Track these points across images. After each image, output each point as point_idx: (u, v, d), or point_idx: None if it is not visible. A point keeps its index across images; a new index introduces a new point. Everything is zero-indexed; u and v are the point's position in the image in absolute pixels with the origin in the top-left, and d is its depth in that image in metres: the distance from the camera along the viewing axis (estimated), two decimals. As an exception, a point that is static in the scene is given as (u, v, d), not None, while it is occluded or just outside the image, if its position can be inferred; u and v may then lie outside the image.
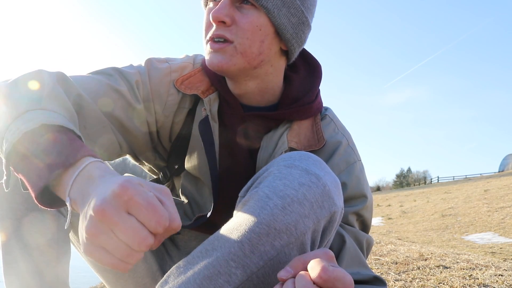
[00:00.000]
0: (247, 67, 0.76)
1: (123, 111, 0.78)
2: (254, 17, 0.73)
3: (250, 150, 0.85)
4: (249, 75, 0.78)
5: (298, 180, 0.56)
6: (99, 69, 0.80)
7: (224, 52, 0.73)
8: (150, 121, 0.82)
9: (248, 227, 0.54)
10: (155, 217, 0.43)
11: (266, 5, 0.72)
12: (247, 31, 0.73)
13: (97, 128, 0.75)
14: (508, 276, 1.71)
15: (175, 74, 0.83)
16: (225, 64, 0.74)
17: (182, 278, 0.57)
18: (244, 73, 0.77)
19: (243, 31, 0.73)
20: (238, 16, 0.73)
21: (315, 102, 0.85)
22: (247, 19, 0.73)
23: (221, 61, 0.74)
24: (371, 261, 2.16)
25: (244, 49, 0.74)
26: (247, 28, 0.73)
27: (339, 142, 0.83)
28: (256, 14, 0.73)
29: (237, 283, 0.54)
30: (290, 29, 0.76)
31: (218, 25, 0.73)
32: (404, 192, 21.52)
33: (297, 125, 0.83)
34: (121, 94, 0.77)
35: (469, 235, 6.72)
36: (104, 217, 0.42)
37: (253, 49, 0.74)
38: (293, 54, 0.81)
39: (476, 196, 11.22)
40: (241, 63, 0.75)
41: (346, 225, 0.76)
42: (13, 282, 0.70)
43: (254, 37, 0.74)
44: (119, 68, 0.81)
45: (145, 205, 0.43)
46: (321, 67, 0.89)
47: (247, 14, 0.73)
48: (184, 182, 0.91)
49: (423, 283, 1.61)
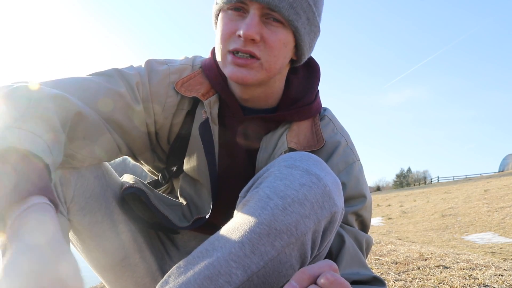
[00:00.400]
0: (266, 80, 0.77)
1: (122, 113, 0.78)
2: (282, 35, 0.73)
3: (249, 151, 0.85)
4: (262, 83, 0.79)
5: (298, 181, 0.56)
6: (99, 70, 0.80)
7: (250, 68, 0.73)
8: (149, 122, 0.82)
9: (249, 227, 0.54)
10: None
11: (296, 25, 0.73)
12: (274, 49, 0.73)
13: (96, 133, 0.75)
14: (508, 276, 1.71)
15: (174, 76, 0.83)
16: (250, 79, 0.74)
17: (182, 278, 0.57)
18: (260, 83, 0.78)
19: (271, 49, 0.73)
20: (266, 33, 0.72)
21: (314, 103, 0.85)
22: (276, 37, 0.73)
23: (247, 76, 0.74)
24: (371, 261, 2.16)
25: (270, 66, 0.75)
26: (275, 46, 0.73)
27: (338, 143, 0.83)
28: (284, 32, 0.73)
29: (237, 283, 0.54)
30: (308, 43, 0.79)
31: (248, 42, 0.72)
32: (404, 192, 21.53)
33: (296, 126, 0.83)
34: (121, 95, 0.77)
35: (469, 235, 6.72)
36: None
37: (276, 65, 0.76)
38: (301, 62, 0.83)
39: (476, 196, 11.22)
40: (264, 78, 0.76)
41: (345, 225, 0.77)
42: (13, 282, 0.70)
43: (280, 54, 0.75)
44: (120, 69, 0.81)
45: None
46: (320, 68, 0.89)
47: (275, 32, 0.73)
48: (183, 183, 0.91)
49: (423, 283, 1.61)
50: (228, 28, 0.74)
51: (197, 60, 0.89)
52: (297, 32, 0.74)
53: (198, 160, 0.85)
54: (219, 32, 0.76)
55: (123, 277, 0.85)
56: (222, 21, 0.75)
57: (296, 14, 0.72)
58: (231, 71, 0.74)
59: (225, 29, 0.74)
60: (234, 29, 0.73)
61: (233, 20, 0.73)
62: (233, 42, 0.73)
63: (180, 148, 0.87)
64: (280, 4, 0.70)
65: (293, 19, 0.72)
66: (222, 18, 0.76)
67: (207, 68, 0.84)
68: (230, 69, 0.74)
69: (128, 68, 0.83)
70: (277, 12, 0.71)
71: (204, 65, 0.86)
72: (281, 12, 0.71)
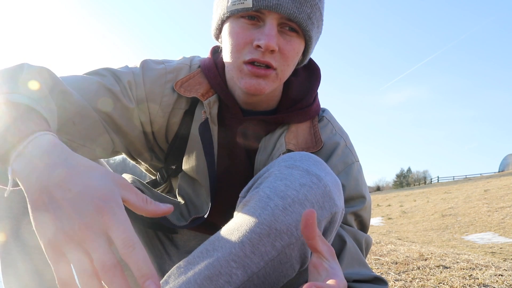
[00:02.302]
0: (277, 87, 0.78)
1: (115, 110, 0.77)
2: (296, 44, 0.73)
3: (248, 152, 0.85)
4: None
5: (299, 181, 0.56)
6: (92, 69, 0.80)
7: (267, 78, 0.73)
8: (144, 121, 0.82)
9: (249, 228, 0.54)
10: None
11: (311, 34, 0.74)
12: (289, 58, 0.73)
13: (88, 124, 0.74)
14: (508, 276, 1.71)
15: (170, 75, 0.83)
16: (266, 89, 0.74)
17: (182, 278, 0.57)
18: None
19: (286, 59, 0.73)
20: (282, 44, 0.71)
21: (313, 105, 0.85)
22: (291, 47, 0.72)
23: (264, 86, 0.73)
24: (371, 261, 2.16)
25: (284, 75, 0.75)
26: (290, 56, 0.73)
27: (337, 143, 0.83)
28: (298, 41, 0.73)
29: (237, 284, 0.54)
30: (314, 47, 0.79)
31: (267, 52, 0.70)
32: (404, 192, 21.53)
33: (295, 127, 0.83)
34: (114, 93, 0.77)
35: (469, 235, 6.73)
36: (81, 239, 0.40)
37: (288, 73, 0.76)
38: (304, 63, 0.83)
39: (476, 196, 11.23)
40: (276, 86, 0.76)
41: (345, 225, 0.76)
42: (12, 282, 0.70)
43: (292, 62, 0.75)
44: (112, 69, 0.80)
45: (122, 228, 0.41)
46: (320, 70, 0.89)
47: (290, 41, 0.72)
48: (181, 182, 0.91)
49: (423, 283, 1.61)
50: (243, 38, 0.71)
51: (195, 60, 0.88)
52: (310, 40, 0.75)
53: (197, 160, 0.84)
54: (231, 41, 0.73)
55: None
56: (234, 30, 0.72)
57: (312, 24, 0.73)
58: (248, 83, 0.73)
59: (239, 38, 0.72)
60: (250, 39, 0.71)
61: (247, 29, 0.71)
62: (249, 52, 0.71)
63: (179, 147, 0.87)
64: (300, 15, 0.69)
65: (310, 28, 0.72)
66: (232, 27, 0.73)
67: (206, 68, 0.84)
68: (247, 81, 0.73)
69: (122, 68, 0.82)
70: (295, 22, 0.70)
71: (203, 65, 0.85)
72: (300, 22, 0.70)
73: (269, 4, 0.68)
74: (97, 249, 0.40)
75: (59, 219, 0.41)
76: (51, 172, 0.43)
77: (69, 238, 0.40)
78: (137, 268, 0.39)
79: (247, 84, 0.73)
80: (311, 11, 0.71)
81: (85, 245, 0.40)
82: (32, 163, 0.44)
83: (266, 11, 0.69)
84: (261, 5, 0.68)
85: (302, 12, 0.69)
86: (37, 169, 0.43)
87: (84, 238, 0.40)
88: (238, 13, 0.71)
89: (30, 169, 0.44)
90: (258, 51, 0.70)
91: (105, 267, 0.39)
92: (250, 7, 0.69)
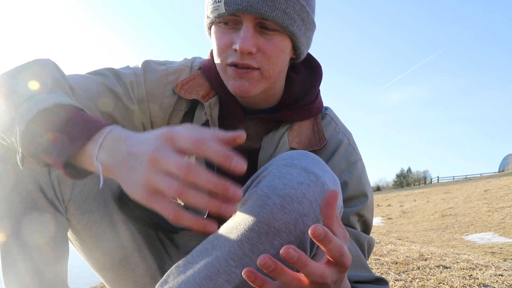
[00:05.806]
0: (268, 86, 0.77)
1: (116, 111, 0.78)
2: (278, 42, 0.73)
3: (250, 151, 0.85)
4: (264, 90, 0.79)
5: (297, 179, 0.56)
6: (94, 70, 0.80)
7: (250, 77, 0.73)
8: (145, 122, 0.82)
9: (248, 226, 0.54)
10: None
11: (292, 29, 0.73)
12: (272, 57, 0.73)
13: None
14: (508, 276, 1.71)
15: (172, 76, 0.83)
16: (252, 90, 0.74)
17: (182, 278, 0.57)
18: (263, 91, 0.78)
19: (269, 58, 0.73)
20: (262, 43, 0.72)
21: (316, 103, 0.85)
22: (272, 46, 0.72)
23: (248, 87, 0.74)
24: (371, 261, 2.16)
25: (269, 74, 0.75)
26: (273, 55, 0.73)
27: (340, 141, 0.83)
28: (280, 38, 0.73)
29: (237, 282, 0.54)
30: (305, 42, 0.78)
31: (245, 55, 0.71)
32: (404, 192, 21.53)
33: (298, 126, 0.83)
34: (116, 94, 0.77)
35: (469, 235, 6.72)
36: (157, 159, 0.45)
37: (276, 71, 0.76)
38: (301, 59, 0.83)
39: (476, 196, 11.22)
40: (265, 86, 0.76)
41: (346, 227, 0.76)
42: (12, 282, 0.70)
43: (278, 61, 0.74)
44: (114, 69, 0.81)
45: (192, 140, 0.46)
46: (322, 68, 0.89)
47: (271, 40, 0.72)
48: None
49: (423, 283, 1.61)
50: (223, 42, 0.73)
51: (196, 62, 0.88)
52: (293, 35, 0.74)
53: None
54: (214, 46, 0.76)
55: (122, 277, 0.85)
56: (216, 35, 0.75)
57: (291, 19, 0.72)
58: (233, 85, 0.74)
59: (220, 43, 0.74)
60: (229, 42, 0.72)
61: (227, 33, 0.73)
62: (230, 55, 0.73)
63: None
64: (273, 13, 0.69)
65: (288, 24, 0.72)
66: (215, 32, 0.75)
67: (207, 69, 0.84)
68: (233, 83, 0.74)
69: (123, 68, 0.83)
70: (270, 21, 0.70)
71: (203, 66, 0.86)
72: (275, 20, 0.70)
73: (239, 7, 0.69)
74: (172, 161, 0.44)
75: (141, 165, 0.46)
76: (123, 145, 0.50)
77: (152, 172, 0.45)
78: (218, 154, 0.46)
79: (233, 86, 0.75)
80: (286, 6, 0.70)
81: (163, 165, 0.45)
82: (113, 147, 0.51)
83: (241, 13, 0.70)
84: (233, 9, 0.69)
85: (276, 9, 0.69)
86: (119, 151, 0.50)
87: (159, 162, 0.45)
88: (216, 19, 0.73)
89: (113, 151, 0.50)
90: (237, 54, 0.71)
91: (186, 169, 0.44)
92: (224, 12, 0.70)
